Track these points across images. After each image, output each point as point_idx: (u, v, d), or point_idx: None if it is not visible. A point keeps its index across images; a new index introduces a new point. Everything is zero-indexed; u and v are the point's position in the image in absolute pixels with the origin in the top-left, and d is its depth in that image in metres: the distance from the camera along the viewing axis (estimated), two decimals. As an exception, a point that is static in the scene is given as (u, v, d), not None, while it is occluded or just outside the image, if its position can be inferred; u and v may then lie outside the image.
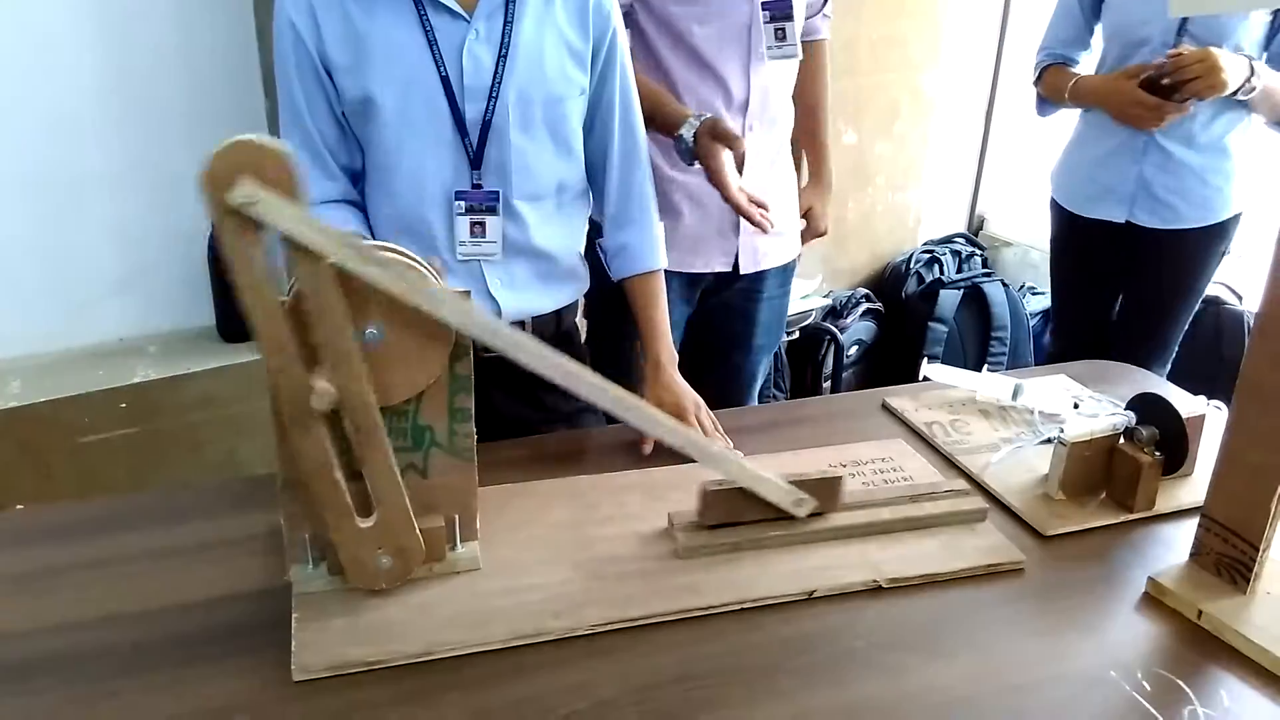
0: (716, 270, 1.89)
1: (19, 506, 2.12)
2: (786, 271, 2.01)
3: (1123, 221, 2.24)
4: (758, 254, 1.91)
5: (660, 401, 1.44)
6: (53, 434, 2.14)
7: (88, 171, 2.18)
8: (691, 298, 1.92)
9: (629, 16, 1.69)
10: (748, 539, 1.19)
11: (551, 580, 1.13)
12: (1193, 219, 2.20)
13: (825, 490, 1.22)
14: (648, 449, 1.41)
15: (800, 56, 1.80)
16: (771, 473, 1.19)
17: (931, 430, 1.51)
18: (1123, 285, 2.36)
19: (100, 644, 1.04)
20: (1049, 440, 1.33)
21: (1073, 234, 2.36)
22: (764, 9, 1.73)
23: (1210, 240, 2.23)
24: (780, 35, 1.74)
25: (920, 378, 1.63)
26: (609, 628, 1.07)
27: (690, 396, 1.46)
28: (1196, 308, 2.33)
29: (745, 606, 1.11)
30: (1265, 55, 2.06)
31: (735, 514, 1.20)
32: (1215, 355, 2.66)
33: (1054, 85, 2.28)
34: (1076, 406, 1.50)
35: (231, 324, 2.37)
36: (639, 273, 1.51)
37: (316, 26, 1.29)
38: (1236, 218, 2.22)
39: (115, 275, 2.29)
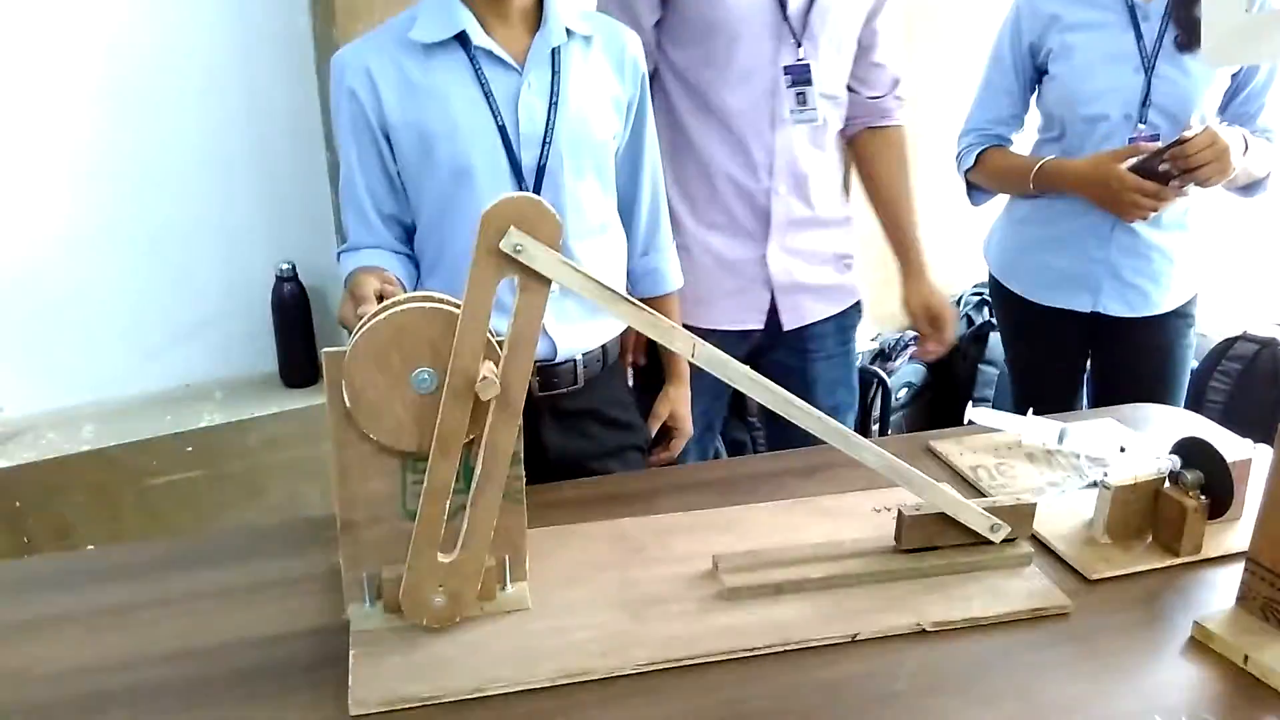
0: (750, 328, 1.85)
1: (90, 547, 2.20)
2: (845, 326, 1.94)
3: (1088, 312, 2.07)
4: (801, 309, 1.87)
5: (675, 405, 1.67)
6: (122, 477, 2.22)
7: (160, 223, 2.28)
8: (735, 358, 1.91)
9: (654, 77, 1.72)
10: (791, 581, 1.21)
11: (598, 620, 1.16)
12: (1164, 303, 2.06)
13: (1019, 516, 1.26)
14: (668, 457, 1.64)
15: (818, 121, 1.75)
16: (968, 500, 1.25)
17: (977, 474, 1.51)
18: (1093, 363, 2.20)
19: (167, 679, 1.09)
20: (1094, 484, 1.33)
21: (1026, 319, 2.16)
22: (785, 73, 1.71)
23: (1180, 321, 2.10)
24: (801, 99, 1.72)
25: (965, 421, 1.64)
26: (654, 667, 1.09)
27: (690, 421, 1.66)
28: (1187, 381, 2.18)
29: (789, 648, 1.12)
30: (1221, 119, 1.96)
31: (932, 539, 1.25)
32: (1272, 396, 2.62)
33: (1001, 169, 2.05)
34: (1123, 450, 1.50)
35: (293, 370, 2.44)
36: (665, 292, 1.64)
37: (375, 90, 1.36)
38: (1196, 295, 2.10)
39: (184, 323, 2.38)
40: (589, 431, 1.57)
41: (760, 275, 1.82)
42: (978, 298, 3.39)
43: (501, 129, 1.37)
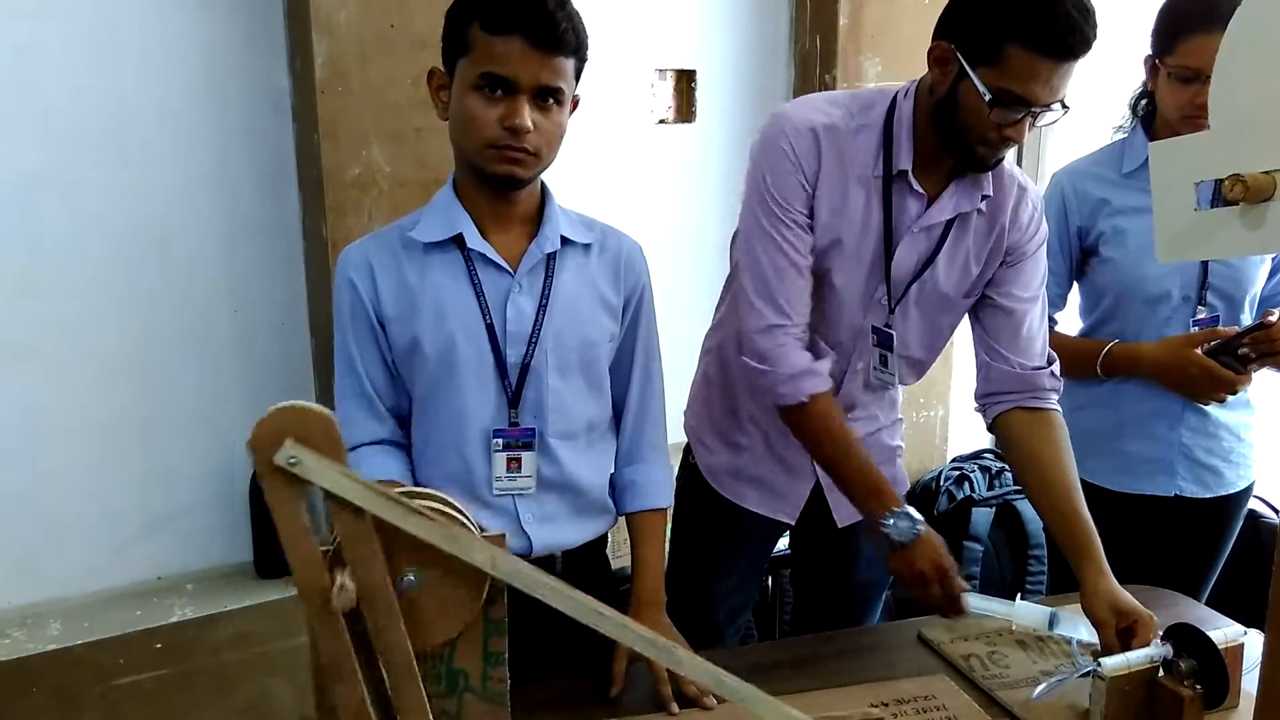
0: (781, 520, 1.80)
1: (47, 754, 2.10)
2: None
3: (1171, 495, 2.02)
4: (851, 507, 1.77)
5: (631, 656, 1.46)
6: (85, 677, 2.13)
7: (135, 414, 2.28)
8: (770, 538, 1.88)
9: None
10: (785, 785, 1.16)
11: (585, 833, 1.10)
12: (1236, 481, 2.05)
13: None
14: (615, 690, 1.42)
15: (893, 389, 1.73)
16: (806, 717, 1.17)
17: (970, 664, 1.48)
18: (1144, 557, 2.08)
19: None
20: (1089, 673, 1.31)
21: (1096, 509, 1.89)
22: (872, 331, 1.65)
23: (1245, 500, 2.11)
24: (883, 361, 1.66)
25: (954, 603, 1.62)
26: None
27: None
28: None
29: None
30: (1259, 297, 2.01)
31: None
32: (1259, 571, 2.59)
33: (1061, 355, 1.84)
34: None
35: (268, 560, 2.40)
36: (641, 509, 1.56)
37: (374, 284, 1.41)
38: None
39: (158, 514, 2.34)
40: (569, 629, 1.53)
41: (808, 466, 1.76)
42: (957, 471, 3.40)
43: (489, 326, 1.41)
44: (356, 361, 1.44)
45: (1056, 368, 1.68)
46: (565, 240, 1.44)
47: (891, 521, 1.47)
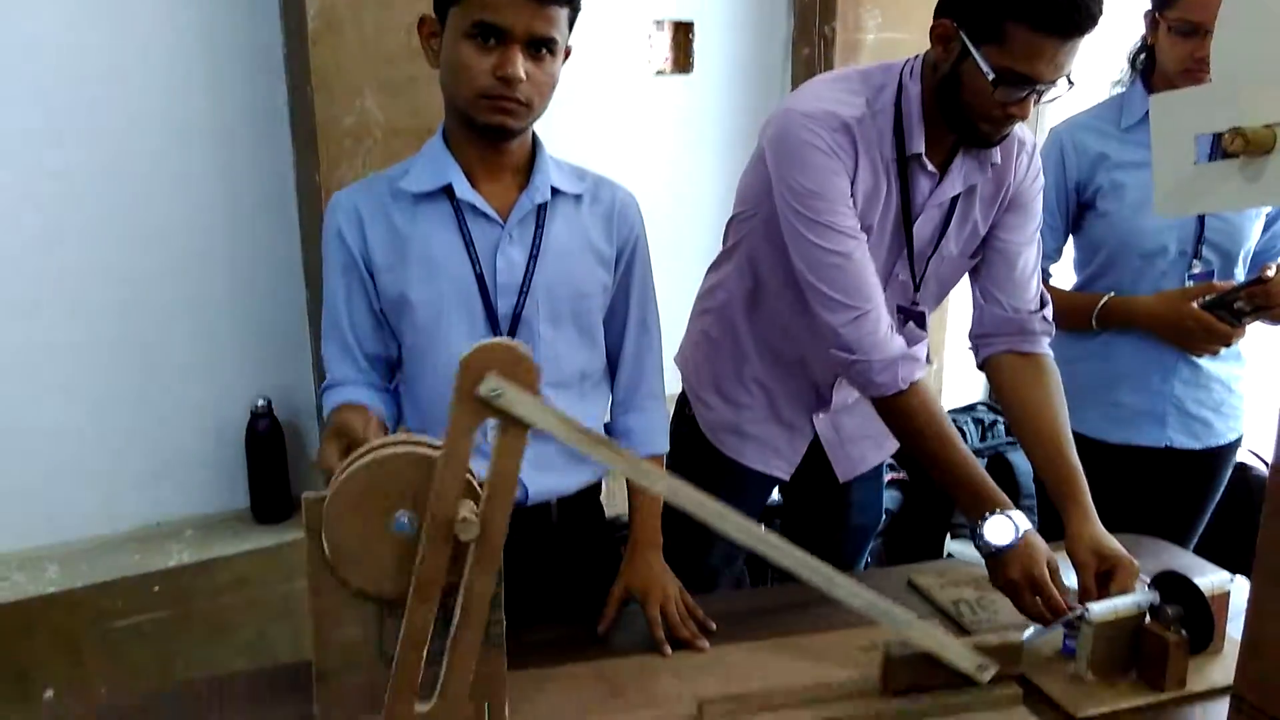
0: (777, 476, 1.82)
1: (48, 693, 2.13)
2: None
3: (1161, 447, 2.06)
4: (854, 461, 1.86)
5: (630, 582, 1.48)
6: (85, 619, 2.16)
7: (133, 362, 2.28)
8: (765, 490, 1.90)
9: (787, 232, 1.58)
10: (777, 725, 1.19)
11: (580, 770, 1.13)
12: (1226, 433, 2.09)
13: (1006, 654, 1.24)
14: (603, 627, 1.45)
15: (933, 365, 1.70)
16: (953, 639, 1.23)
17: (958, 609, 1.51)
18: (1130, 493, 2.12)
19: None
20: (1076, 619, 1.33)
21: (1087, 460, 1.92)
22: (898, 312, 1.65)
23: (1233, 452, 2.14)
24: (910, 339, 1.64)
25: (944, 554, 1.64)
26: (638, 820, 1.06)
27: (661, 583, 1.47)
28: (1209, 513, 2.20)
29: (776, 796, 1.10)
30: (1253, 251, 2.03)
31: (919, 679, 1.23)
32: (1248, 521, 2.62)
33: (1057, 308, 1.83)
34: None
35: (265, 506, 2.41)
36: (641, 456, 1.56)
37: (363, 234, 1.40)
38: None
39: (156, 460, 2.35)
40: (564, 574, 1.56)
41: (809, 430, 1.80)
42: (949, 426, 3.43)
43: (479, 277, 1.41)
44: (341, 311, 1.44)
45: (1048, 311, 1.68)
46: (556, 191, 1.43)
47: (987, 525, 1.43)
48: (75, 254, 2.18)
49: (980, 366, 1.72)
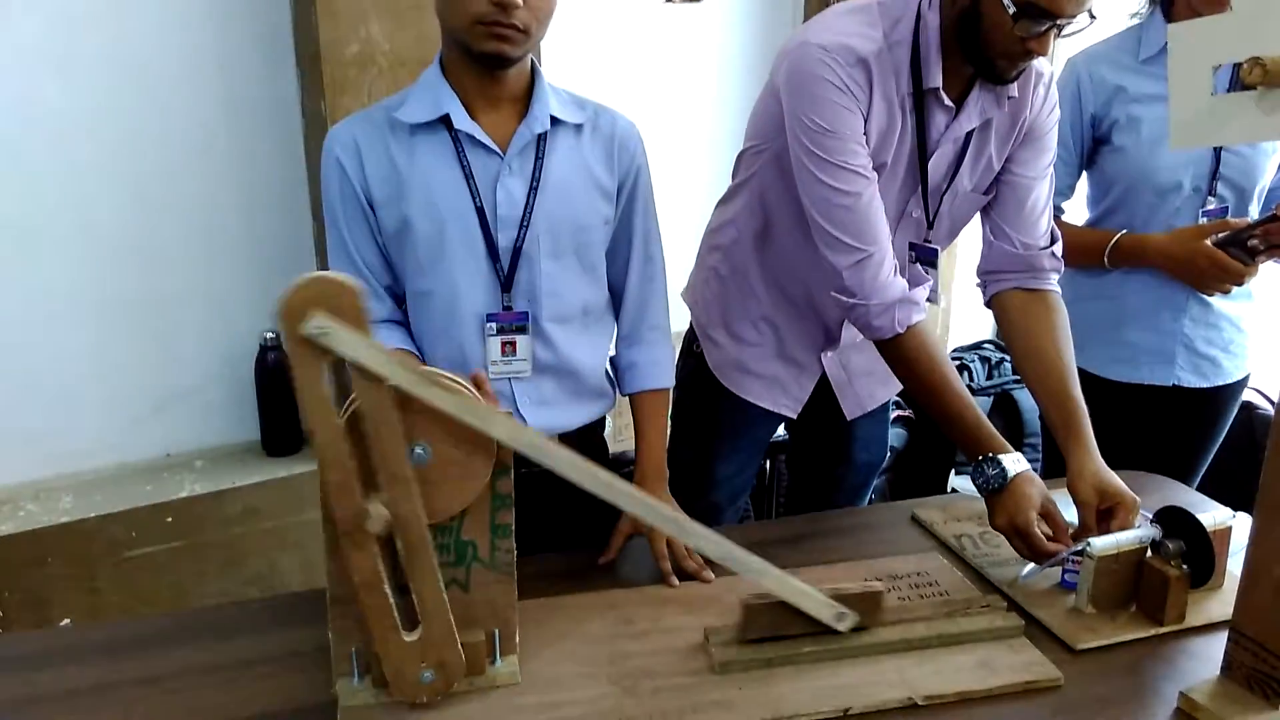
0: (784, 414, 1.83)
1: (66, 621, 2.17)
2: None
3: (1169, 385, 2.05)
4: (861, 399, 1.86)
5: (634, 525, 1.49)
6: (100, 548, 2.19)
7: (144, 292, 2.28)
8: (771, 427, 1.89)
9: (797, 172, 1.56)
10: (782, 655, 1.21)
11: (588, 695, 1.15)
12: (1234, 372, 2.08)
13: (867, 604, 1.24)
14: (604, 558, 1.47)
15: (941, 304, 1.68)
16: (811, 587, 1.21)
17: (961, 543, 1.52)
18: (1134, 430, 2.13)
19: (151, 760, 1.07)
20: (1078, 553, 1.34)
21: (1094, 398, 1.84)
22: (910, 249, 1.65)
23: (1240, 391, 2.14)
24: (926, 274, 1.65)
25: (948, 489, 1.65)
26: (645, 743, 1.08)
27: None
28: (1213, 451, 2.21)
29: (779, 722, 1.12)
30: (1267, 189, 2.02)
31: (777, 628, 1.23)
32: (1252, 459, 2.62)
33: (1068, 245, 1.82)
34: None
35: (275, 439, 2.43)
36: (643, 390, 1.58)
37: (361, 164, 1.39)
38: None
39: (166, 392, 2.37)
40: (568, 509, 1.57)
41: (817, 367, 1.80)
42: (957, 361, 3.43)
43: (480, 210, 1.40)
44: (348, 242, 1.43)
45: (1058, 248, 1.66)
46: (556, 120, 1.41)
47: (981, 468, 1.43)
48: (81, 186, 2.17)
49: (987, 304, 1.72)
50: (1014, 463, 1.42)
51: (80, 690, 1.19)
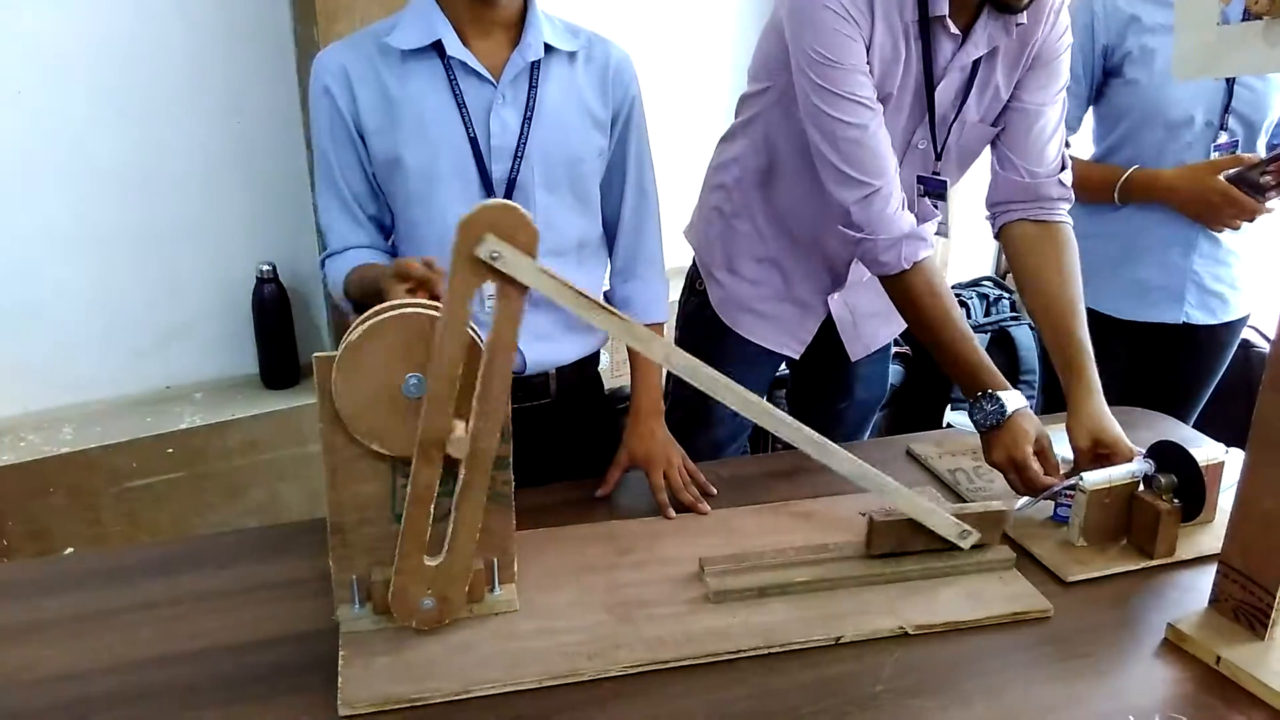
0: (787, 354, 1.84)
1: (69, 550, 2.19)
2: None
3: (1179, 323, 2.05)
4: (865, 340, 1.87)
5: (633, 450, 1.50)
6: (101, 479, 2.21)
7: (141, 224, 2.26)
8: (774, 366, 1.89)
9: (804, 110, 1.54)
10: (775, 584, 1.23)
11: (585, 623, 1.17)
12: (1240, 308, 2.09)
13: (989, 523, 1.27)
14: (600, 492, 1.48)
15: (948, 237, 1.68)
16: (939, 506, 1.25)
17: (955, 477, 1.54)
18: (1138, 368, 2.16)
19: (153, 684, 1.09)
20: (1070, 488, 1.36)
21: (1103, 337, 1.89)
22: (918, 182, 1.64)
23: (1240, 328, 2.15)
24: (935, 207, 1.64)
25: (944, 424, 1.66)
26: (640, 669, 1.10)
27: (663, 449, 1.49)
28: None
29: (772, 651, 1.14)
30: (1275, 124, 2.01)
31: (902, 544, 1.26)
32: (1248, 397, 2.63)
33: (1078, 180, 1.77)
34: None
35: (274, 372, 2.44)
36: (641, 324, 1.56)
37: (351, 92, 1.36)
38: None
39: (164, 325, 2.36)
40: (564, 443, 1.58)
41: (824, 309, 1.81)
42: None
43: (473, 140, 1.38)
44: (335, 171, 1.41)
45: (1067, 175, 1.62)
46: (549, 48, 1.39)
47: (980, 404, 1.44)
48: (77, 120, 2.15)
49: (996, 236, 1.70)
50: (1012, 399, 1.42)
51: (83, 616, 1.21)
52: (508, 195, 1.40)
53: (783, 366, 1.98)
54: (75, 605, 1.23)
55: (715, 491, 1.48)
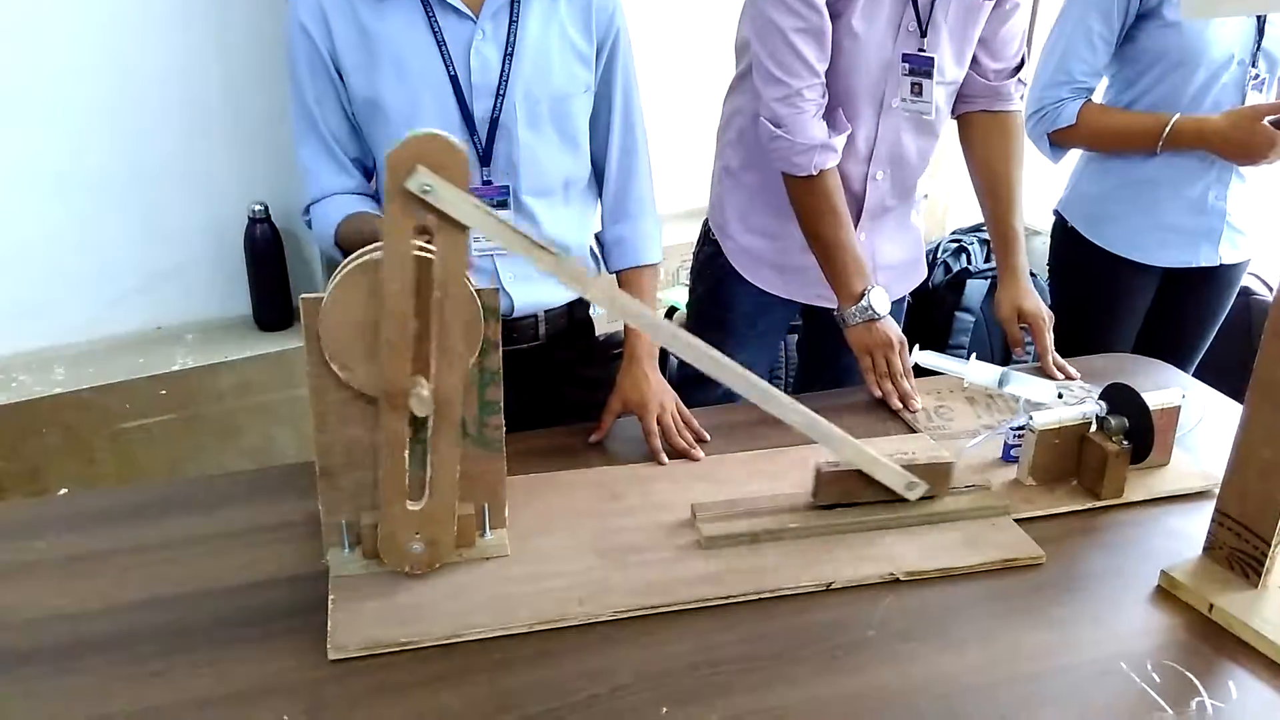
0: (804, 303, 1.85)
1: (63, 491, 2.19)
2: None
3: (1216, 265, 2.05)
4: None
5: (626, 394, 1.48)
6: (94, 419, 2.20)
7: (132, 165, 2.23)
8: (789, 316, 1.92)
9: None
10: (767, 530, 1.22)
11: (576, 568, 1.17)
12: (1251, 246, 2.09)
13: (937, 474, 1.27)
14: (593, 438, 1.47)
15: (932, 116, 1.68)
16: (886, 457, 1.24)
17: (914, 416, 1.54)
18: (1156, 318, 2.18)
19: (144, 625, 1.09)
20: (1022, 428, 1.35)
21: (1138, 282, 2.06)
22: (903, 60, 1.64)
23: (1244, 270, 2.15)
24: (916, 90, 1.65)
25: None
26: (631, 614, 1.10)
27: (657, 394, 1.47)
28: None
29: (764, 596, 1.14)
30: None
31: (849, 495, 1.26)
32: (1248, 345, 2.61)
33: (1117, 128, 1.94)
34: (1061, 396, 1.53)
35: (267, 313, 2.42)
36: (630, 266, 1.54)
37: (328, 29, 1.33)
38: None
39: (155, 266, 2.33)
40: (556, 388, 1.57)
41: None
42: (956, 244, 3.40)
43: (454, 79, 1.34)
44: (314, 111, 1.38)
45: (1025, 73, 1.76)
46: None
47: (856, 303, 1.60)
48: (61, 61, 2.10)
49: (958, 126, 1.82)
50: (881, 301, 1.60)
51: (77, 557, 1.21)
52: (490, 134, 1.38)
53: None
54: (66, 547, 1.22)
55: (709, 437, 1.47)
